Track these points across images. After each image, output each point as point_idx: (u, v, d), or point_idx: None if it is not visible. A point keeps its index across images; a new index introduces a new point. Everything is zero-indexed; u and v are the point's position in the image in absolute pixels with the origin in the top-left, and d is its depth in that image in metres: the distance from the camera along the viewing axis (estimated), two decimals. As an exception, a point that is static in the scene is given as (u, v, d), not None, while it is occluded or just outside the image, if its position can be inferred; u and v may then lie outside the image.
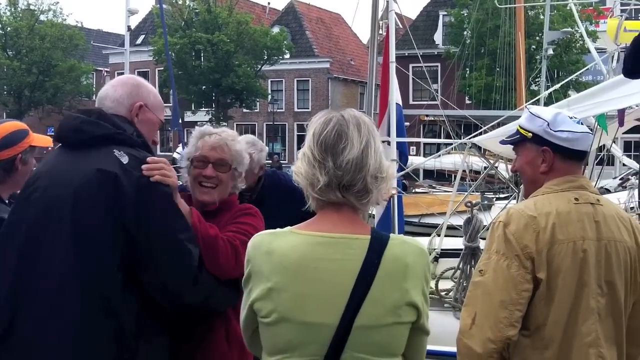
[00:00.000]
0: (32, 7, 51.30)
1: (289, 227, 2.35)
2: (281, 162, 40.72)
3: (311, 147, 2.30)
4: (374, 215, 9.10)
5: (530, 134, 3.08)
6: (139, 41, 53.83)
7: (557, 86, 10.02)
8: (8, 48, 50.12)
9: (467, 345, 2.88)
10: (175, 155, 41.29)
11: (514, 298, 2.83)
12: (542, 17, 29.64)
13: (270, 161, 35.36)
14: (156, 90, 3.36)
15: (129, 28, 34.95)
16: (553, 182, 3.04)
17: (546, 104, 13.39)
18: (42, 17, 51.54)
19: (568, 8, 29.11)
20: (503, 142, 3.27)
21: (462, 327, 2.91)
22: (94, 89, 54.57)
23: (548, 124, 3.02)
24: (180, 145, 37.22)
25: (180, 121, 34.59)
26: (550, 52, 26.95)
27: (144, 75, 55.71)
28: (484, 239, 6.84)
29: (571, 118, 3.06)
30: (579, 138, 3.02)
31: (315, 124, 2.36)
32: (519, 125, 3.14)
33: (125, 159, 2.89)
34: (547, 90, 18.49)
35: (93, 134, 2.96)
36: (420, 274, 2.33)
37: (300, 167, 2.32)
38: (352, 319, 2.22)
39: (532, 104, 16.84)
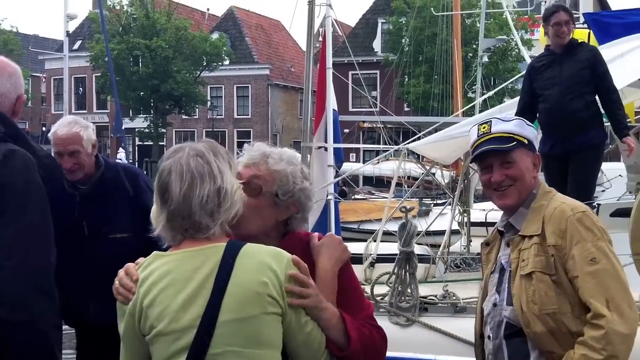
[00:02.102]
0: (-35, 12, 50.23)
1: (155, 252, 2.49)
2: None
3: (155, 193, 2.49)
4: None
5: (526, 140, 3.08)
6: (76, 46, 52.98)
7: (490, 93, 10.21)
8: (-60, 53, 48.94)
9: (615, 332, 2.77)
10: (117, 161, 40.80)
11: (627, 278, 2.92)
12: (478, 25, 30.06)
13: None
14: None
15: (67, 33, 34.40)
16: (545, 186, 3.14)
17: (481, 111, 13.60)
18: (-24, 22, 50.56)
19: (504, 16, 29.62)
20: (496, 149, 3.07)
21: (601, 320, 2.79)
22: (30, 95, 53.64)
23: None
24: (122, 151, 36.90)
25: (124, 127, 34.00)
26: (486, 59, 27.33)
27: (82, 80, 55.06)
28: (419, 244, 6.93)
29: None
30: None
31: (159, 170, 2.50)
32: (508, 132, 3.07)
33: None
34: (482, 97, 18.78)
35: None
36: (276, 270, 2.39)
37: (153, 209, 2.49)
38: (214, 315, 2.32)
39: (468, 110, 17.10)
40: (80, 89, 55.74)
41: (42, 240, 2.88)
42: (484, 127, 3.13)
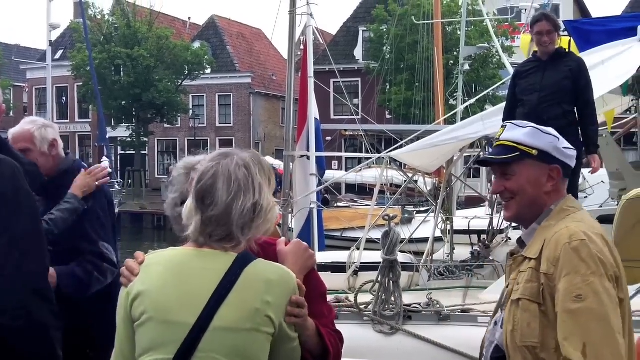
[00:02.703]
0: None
1: (171, 247, 2.53)
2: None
3: (192, 193, 2.47)
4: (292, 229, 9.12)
5: (535, 151, 2.78)
6: (57, 56, 52.68)
7: (472, 101, 10.25)
8: None
9: None
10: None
11: (620, 323, 2.56)
12: (459, 32, 30.19)
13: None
14: None
15: (51, 43, 34.33)
16: (568, 203, 2.82)
17: (463, 118, 13.65)
18: (-44, 32, 50.26)
19: (484, 24, 29.77)
20: (490, 160, 2.96)
21: None
22: (12, 105, 53.37)
23: (559, 140, 2.79)
24: (107, 160, 36.76)
25: (108, 136, 33.62)
26: (467, 67, 27.48)
27: (64, 90, 54.82)
28: (402, 252, 6.94)
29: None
30: (574, 155, 2.85)
31: (200, 169, 2.49)
32: (513, 141, 2.83)
33: None
34: (464, 104, 18.87)
35: None
36: (283, 291, 2.41)
37: (186, 205, 2.48)
38: (208, 320, 2.33)
39: (449, 118, 17.17)
40: (64, 98, 55.46)
41: (36, 245, 2.92)
42: (500, 131, 2.93)
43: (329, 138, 20.29)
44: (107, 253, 4.12)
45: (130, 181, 46.93)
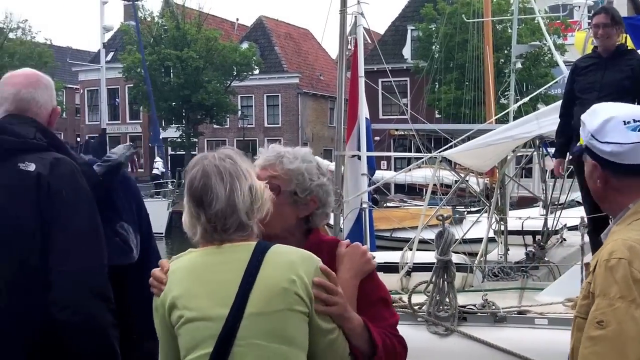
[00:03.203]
0: (0, 26, 50.95)
1: (191, 249, 2.55)
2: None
3: (188, 199, 2.50)
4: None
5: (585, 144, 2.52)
6: (108, 58, 53.23)
7: (525, 99, 10.10)
8: (-24, 66, 49.72)
9: None
10: (155, 171, 41.12)
11: None
12: (509, 31, 29.86)
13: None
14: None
15: (104, 45, 34.88)
16: None
17: (515, 118, 13.47)
18: (11, 35, 51.27)
19: (536, 22, 29.40)
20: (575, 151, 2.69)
21: None
22: (65, 107, 54.21)
23: (592, 134, 2.46)
24: (160, 160, 37.08)
25: (160, 137, 34.15)
26: (519, 65, 27.13)
27: (115, 91, 55.54)
28: (455, 252, 6.86)
29: (627, 123, 2.41)
30: (629, 150, 2.40)
31: (188, 174, 2.51)
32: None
33: (32, 167, 2.92)
34: (516, 103, 18.64)
35: None
36: (305, 270, 2.42)
37: (184, 218, 2.52)
38: (241, 307, 2.36)
39: (502, 117, 16.99)
40: (117, 100, 56.19)
41: (94, 243, 2.96)
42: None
43: (377, 138, 20.18)
44: (123, 233, 4.15)
45: (182, 181, 47.36)
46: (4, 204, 2.87)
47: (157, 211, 24.93)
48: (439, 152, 8.49)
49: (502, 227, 9.72)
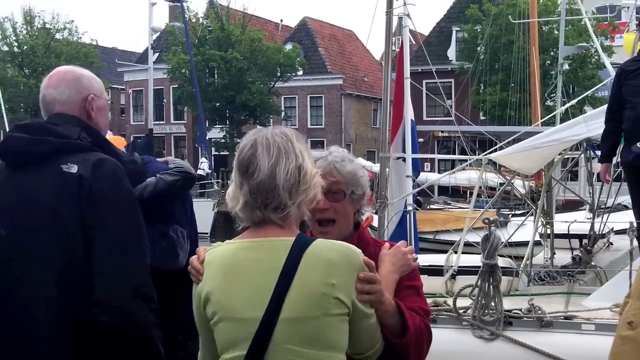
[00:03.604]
0: (47, 26, 51.86)
1: (227, 240, 2.53)
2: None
3: (234, 171, 2.49)
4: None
5: None
6: (153, 58, 54.06)
7: (573, 102, 9.95)
8: (25, 66, 50.67)
9: None
10: (199, 171, 41.51)
11: None
12: (556, 32, 29.57)
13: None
14: (90, 72, 3.31)
15: (152, 46, 35.39)
16: None
17: (562, 121, 13.32)
18: (58, 36, 52.19)
19: (582, 23, 29.05)
20: None
21: None
22: (110, 106, 54.84)
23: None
24: (205, 161, 37.35)
25: (207, 137, 34.31)
26: (566, 67, 26.82)
27: (159, 92, 56.10)
28: (501, 255, 6.80)
29: None
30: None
31: (240, 145, 2.52)
32: None
33: (74, 169, 2.92)
34: (563, 105, 18.41)
35: (38, 153, 2.98)
36: (347, 270, 2.38)
37: (230, 189, 2.50)
38: (275, 312, 2.31)
39: (548, 119, 16.82)
40: (164, 100, 56.70)
41: (136, 244, 2.96)
42: None
43: (421, 140, 20.13)
44: (173, 236, 4.17)
45: (227, 182, 47.69)
46: (52, 205, 2.89)
47: (203, 211, 25.24)
48: (486, 154, 8.41)
49: (548, 231, 9.61)
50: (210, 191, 32.93)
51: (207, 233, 27.61)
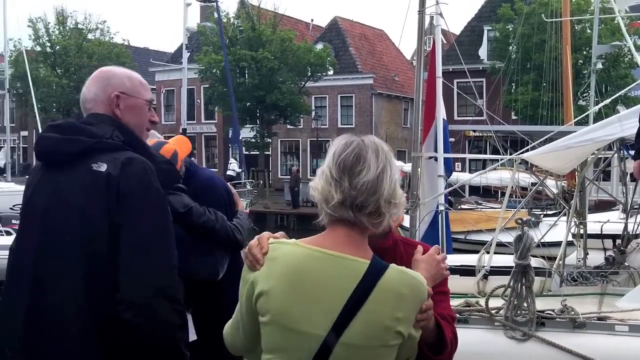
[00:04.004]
0: (80, 26, 52.40)
1: (294, 239, 2.46)
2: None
3: (330, 166, 2.41)
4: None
5: None
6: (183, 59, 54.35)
7: (607, 101, 9.85)
8: (57, 66, 51.28)
9: None
10: (229, 172, 41.64)
11: None
12: (588, 31, 29.30)
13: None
14: (131, 72, 3.32)
15: (186, 46, 35.70)
16: None
17: (595, 120, 13.20)
18: (90, 36, 52.74)
19: (615, 22, 28.77)
20: None
21: None
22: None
23: None
24: (235, 160, 37.39)
25: (240, 137, 34.43)
26: (600, 66, 26.57)
27: (190, 92, 56.42)
28: (533, 256, 6.76)
29: None
30: None
31: (336, 146, 2.46)
32: None
33: (103, 167, 2.93)
34: (596, 105, 18.26)
35: (70, 153, 3.00)
36: (414, 304, 2.38)
37: (317, 184, 2.42)
38: (338, 335, 2.29)
39: (581, 119, 16.70)
40: (197, 100, 56.97)
41: (163, 243, 2.94)
42: None
43: (452, 139, 20.07)
44: (216, 255, 4.28)
45: (260, 182, 47.81)
46: (81, 205, 2.91)
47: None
48: (519, 154, 8.37)
49: (581, 231, 9.53)
50: (242, 191, 33.01)
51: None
